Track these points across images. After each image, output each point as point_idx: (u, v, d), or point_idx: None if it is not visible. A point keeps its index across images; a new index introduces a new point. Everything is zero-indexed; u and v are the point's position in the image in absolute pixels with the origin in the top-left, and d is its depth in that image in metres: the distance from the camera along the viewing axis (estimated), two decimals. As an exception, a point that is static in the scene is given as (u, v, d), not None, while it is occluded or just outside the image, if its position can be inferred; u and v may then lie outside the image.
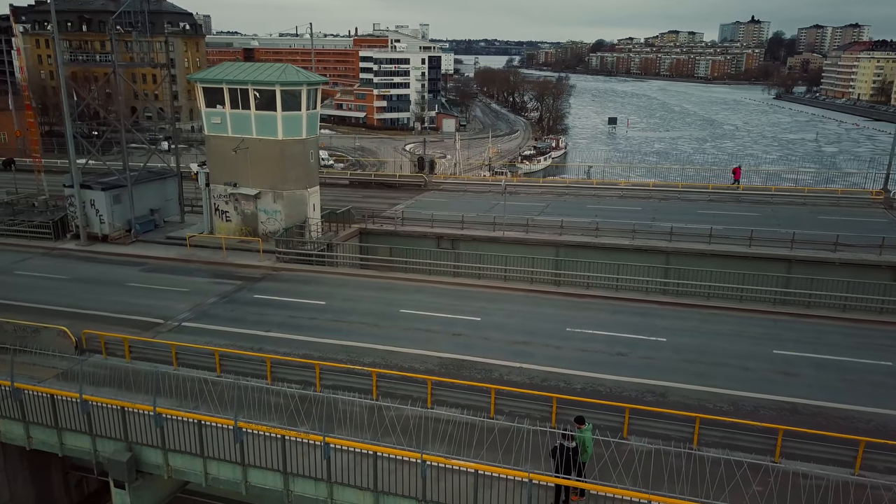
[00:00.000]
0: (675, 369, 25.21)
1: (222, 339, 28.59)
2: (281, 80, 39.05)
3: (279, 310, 31.89)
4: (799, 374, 24.74)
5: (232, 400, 19.04)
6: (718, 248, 39.68)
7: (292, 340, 28.32)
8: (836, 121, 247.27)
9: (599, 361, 26.01)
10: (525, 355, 26.54)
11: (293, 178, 41.20)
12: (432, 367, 25.68)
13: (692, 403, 22.59)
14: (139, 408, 20.31)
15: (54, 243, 43.69)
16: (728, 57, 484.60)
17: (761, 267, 37.34)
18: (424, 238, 45.30)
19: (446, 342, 27.88)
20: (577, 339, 28.13)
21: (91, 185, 43.29)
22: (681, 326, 29.23)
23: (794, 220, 45.94)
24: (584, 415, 20.30)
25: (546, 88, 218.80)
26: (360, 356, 26.69)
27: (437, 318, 30.51)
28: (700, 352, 26.65)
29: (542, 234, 43.38)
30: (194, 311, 32.07)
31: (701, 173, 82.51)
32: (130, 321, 30.69)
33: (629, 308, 31.63)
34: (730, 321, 29.84)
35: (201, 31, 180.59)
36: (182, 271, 38.33)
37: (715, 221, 44.78)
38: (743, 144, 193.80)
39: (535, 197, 56.03)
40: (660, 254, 40.65)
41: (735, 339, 27.81)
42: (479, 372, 25.22)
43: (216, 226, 43.46)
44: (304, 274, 37.50)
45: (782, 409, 22.10)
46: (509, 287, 34.53)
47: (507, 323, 29.81)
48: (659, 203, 52.92)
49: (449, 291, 34.30)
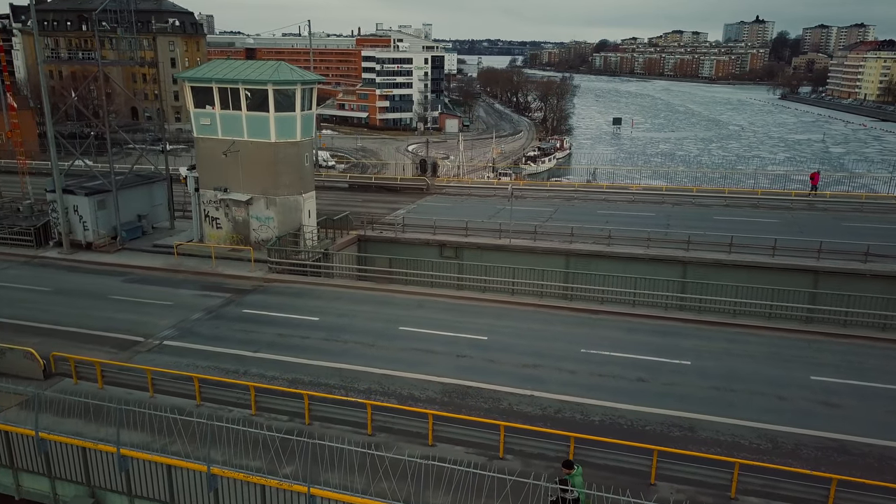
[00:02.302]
0: (702, 398, 22.78)
1: (205, 360, 26.26)
2: (273, 78, 36.67)
3: (269, 327, 29.52)
4: (841, 404, 22.30)
5: (211, 435, 16.70)
6: (739, 259, 37.24)
7: (281, 363, 25.95)
8: (843, 121, 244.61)
9: (618, 388, 23.59)
10: (536, 381, 24.14)
11: (287, 182, 38.81)
12: (434, 394, 23.31)
13: (725, 439, 20.19)
14: (102, 448, 17.96)
15: (36, 251, 41.38)
16: (732, 57, 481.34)
17: (785, 279, 34.95)
18: (426, 246, 42.98)
19: (449, 365, 25.49)
20: (593, 361, 25.70)
21: (74, 189, 40.97)
22: (706, 348, 26.76)
23: (817, 227, 43.50)
24: (605, 457, 18.07)
25: (550, 88, 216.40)
26: (355, 381, 24.34)
27: (439, 336, 28.10)
28: (729, 377, 24.20)
29: (550, 242, 40.98)
30: (178, 327, 29.71)
31: (712, 176, 79.93)
32: (108, 339, 28.38)
33: (647, 326, 29.18)
34: (758, 342, 27.35)
35: (202, 31, 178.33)
36: (168, 282, 35.99)
37: (733, 228, 42.37)
38: (749, 145, 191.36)
39: (542, 201, 53.61)
40: (676, 264, 38.25)
41: (766, 363, 25.34)
42: (485, 400, 22.82)
43: (206, 233, 41.09)
44: (297, 286, 35.11)
45: (827, 448, 19.66)
46: (517, 302, 32.08)
47: (515, 343, 27.38)
48: (672, 208, 50.47)
49: (452, 306, 31.87)
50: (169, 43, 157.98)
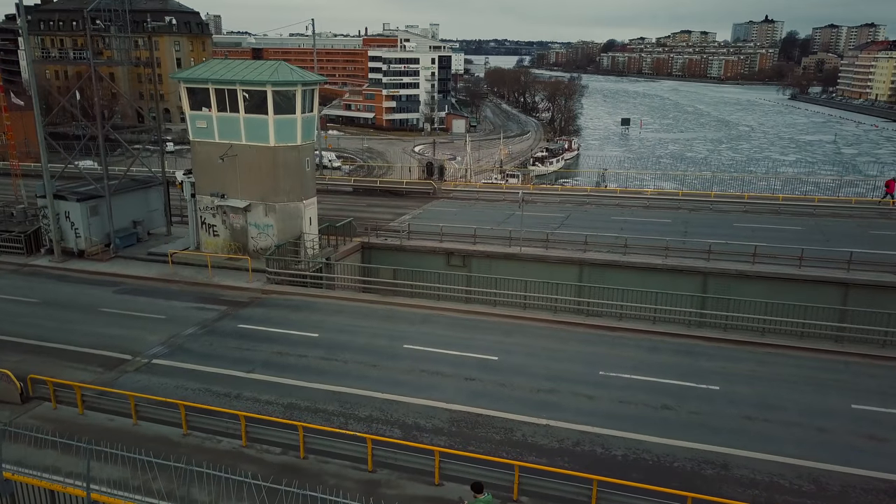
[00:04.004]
0: (734, 429, 20.81)
1: (195, 381, 24.48)
2: (273, 79, 34.85)
3: (265, 344, 27.69)
4: (889, 438, 20.29)
5: (198, 471, 14.83)
6: (764, 270, 35.20)
7: (277, 385, 24.12)
8: (854, 122, 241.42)
9: (641, 417, 21.65)
10: (552, 408, 22.23)
11: (287, 188, 36.98)
12: (441, 423, 21.43)
13: (763, 479, 18.24)
14: (72, 493, 16.15)
15: (26, 259, 39.71)
16: (741, 57, 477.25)
17: (813, 293, 32.93)
18: (433, 254, 41.11)
19: (457, 389, 23.60)
20: (613, 385, 23.77)
21: (65, 195, 39.28)
22: (734, 370, 24.77)
23: (843, 236, 41.44)
24: (631, 502, 16.18)
25: (558, 88, 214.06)
26: (355, 407, 22.49)
27: (446, 356, 26.20)
28: (762, 405, 22.22)
29: (563, 251, 39.03)
30: (168, 344, 27.93)
31: (728, 180, 77.72)
32: (95, 357, 26.64)
33: (670, 345, 27.19)
34: (790, 363, 25.33)
35: (208, 30, 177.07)
36: (161, 293, 34.22)
37: (754, 236, 40.42)
38: (759, 146, 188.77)
39: (553, 206, 51.64)
40: (696, 274, 36.26)
41: (801, 389, 23.35)
42: (497, 431, 20.92)
43: (203, 241, 39.32)
44: (296, 298, 33.28)
45: (879, 492, 17.68)
46: (529, 317, 30.14)
47: (528, 364, 25.46)
48: (689, 214, 48.42)
49: (460, 321, 29.95)
50: (174, 43, 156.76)
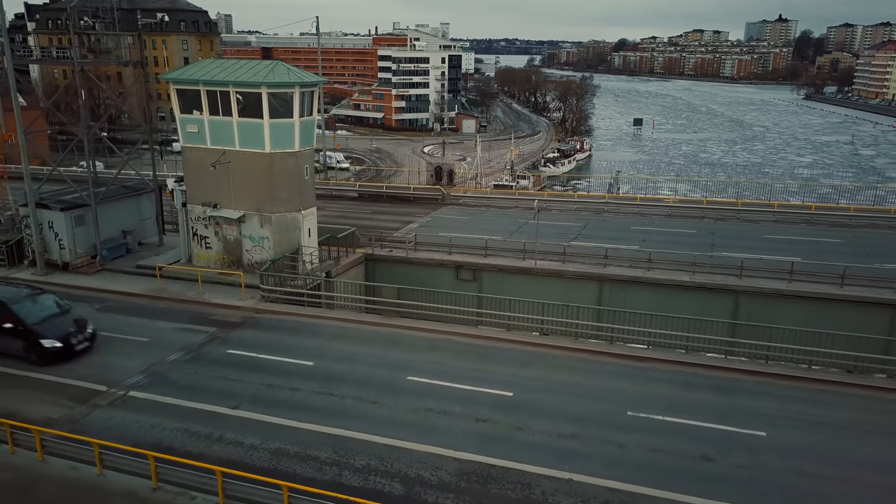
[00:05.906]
0: (789, 489, 17.93)
1: (173, 419, 21.82)
2: (268, 80, 32.18)
3: (254, 374, 25.01)
4: (974, 504, 17.43)
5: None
6: (802, 289, 32.26)
7: (264, 424, 21.44)
8: (871, 122, 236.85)
9: (678, 470, 18.81)
10: (575, 457, 19.43)
11: (284, 198, 34.31)
12: (448, 476, 18.67)
13: (828, 557, 15.41)
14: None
15: (7, 271, 37.19)
16: (754, 56, 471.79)
17: (859, 316, 30.01)
18: (441, 267, 38.44)
19: (467, 433, 20.84)
20: (644, 429, 20.93)
21: (49, 203, 36.78)
22: (781, 412, 21.86)
23: (882, 248, 38.43)
24: None
25: (569, 88, 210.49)
26: (351, 454, 19.76)
27: (454, 391, 23.44)
28: (818, 457, 19.33)
29: (581, 266, 36.21)
30: (149, 372, 25.30)
31: (755, 187, 74.51)
32: (66, 388, 24.05)
33: (704, 378, 24.31)
34: (846, 404, 22.42)
35: (216, 29, 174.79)
36: (146, 312, 31.60)
37: (788, 249, 37.44)
38: (775, 147, 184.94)
39: (569, 214, 48.81)
40: (727, 293, 33.37)
41: (864, 438, 20.40)
42: (512, 488, 18.14)
43: (194, 253, 36.74)
44: (292, 319, 30.59)
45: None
46: (547, 344, 27.29)
47: (547, 402, 22.66)
48: (715, 224, 45.46)
49: (470, 349, 27.15)
50: (182, 42, 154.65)
